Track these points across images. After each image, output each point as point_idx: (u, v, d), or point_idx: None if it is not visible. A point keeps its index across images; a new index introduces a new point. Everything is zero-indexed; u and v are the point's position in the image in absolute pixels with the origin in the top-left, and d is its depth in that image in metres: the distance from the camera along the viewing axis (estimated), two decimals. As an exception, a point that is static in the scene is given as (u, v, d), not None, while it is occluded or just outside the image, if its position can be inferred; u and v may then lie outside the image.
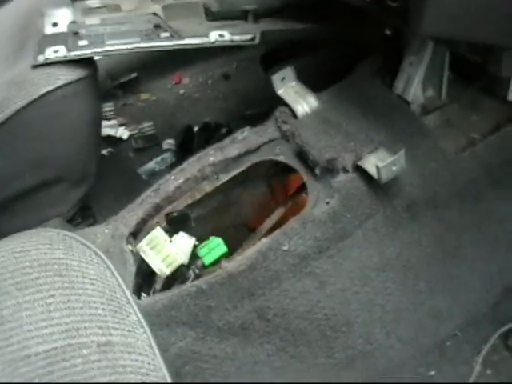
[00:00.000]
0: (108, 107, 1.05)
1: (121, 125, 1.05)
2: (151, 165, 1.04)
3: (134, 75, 1.07)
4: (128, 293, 0.45)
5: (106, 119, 1.04)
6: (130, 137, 1.05)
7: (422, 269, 0.75)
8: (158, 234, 0.68)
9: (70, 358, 0.37)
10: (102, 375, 0.37)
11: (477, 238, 0.79)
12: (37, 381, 0.36)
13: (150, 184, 0.76)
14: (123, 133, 1.04)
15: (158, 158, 1.05)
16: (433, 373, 0.77)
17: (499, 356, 0.69)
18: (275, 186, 0.87)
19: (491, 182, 0.81)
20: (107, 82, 1.06)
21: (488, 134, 0.83)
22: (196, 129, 1.06)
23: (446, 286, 0.74)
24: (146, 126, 1.05)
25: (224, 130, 1.03)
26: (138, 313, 0.44)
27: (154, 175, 1.02)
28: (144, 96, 1.09)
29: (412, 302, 0.72)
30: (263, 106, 0.85)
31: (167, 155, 1.06)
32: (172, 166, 0.97)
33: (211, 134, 1.02)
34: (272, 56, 0.99)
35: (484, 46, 0.76)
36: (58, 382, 0.36)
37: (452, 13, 0.60)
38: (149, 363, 0.40)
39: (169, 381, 0.41)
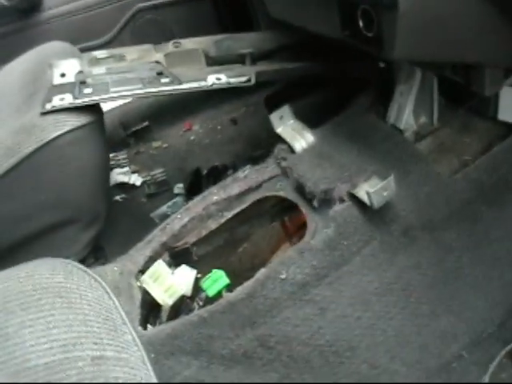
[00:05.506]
0: (121, 155, 1.09)
1: (134, 172, 1.09)
2: (163, 209, 1.08)
3: (145, 124, 1.11)
4: (123, 314, 0.49)
5: (120, 167, 1.09)
6: (143, 183, 1.09)
7: (422, 291, 0.75)
8: (159, 266, 0.72)
9: (67, 370, 0.40)
10: None
11: (477, 258, 0.80)
12: None
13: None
14: (136, 179, 1.08)
15: (170, 203, 1.09)
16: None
17: (507, 374, 0.68)
18: (286, 222, 0.90)
19: (486, 202, 0.82)
20: (120, 132, 1.09)
21: (480, 155, 0.86)
22: (204, 172, 1.11)
23: (449, 307, 0.74)
24: (158, 173, 1.10)
25: (230, 171, 1.07)
26: (133, 333, 0.47)
27: (167, 219, 1.06)
28: (156, 144, 1.12)
29: (415, 324, 0.72)
30: (269, 147, 0.89)
31: (178, 199, 1.10)
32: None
33: (218, 176, 1.06)
34: (276, 98, 1.04)
35: (465, 66, 0.77)
36: None
37: (422, 36, 0.63)
38: (141, 377, 0.43)
39: None
